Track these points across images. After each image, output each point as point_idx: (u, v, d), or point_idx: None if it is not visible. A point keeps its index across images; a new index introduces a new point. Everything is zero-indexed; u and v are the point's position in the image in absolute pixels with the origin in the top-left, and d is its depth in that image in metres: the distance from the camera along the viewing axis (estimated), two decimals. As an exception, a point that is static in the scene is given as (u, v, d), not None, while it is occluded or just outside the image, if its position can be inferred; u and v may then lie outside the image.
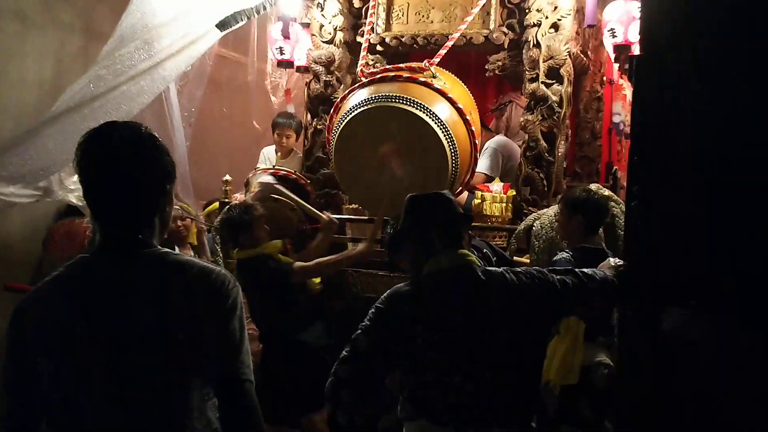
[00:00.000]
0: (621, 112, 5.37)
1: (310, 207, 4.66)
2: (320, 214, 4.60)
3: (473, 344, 2.46)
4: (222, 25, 4.34)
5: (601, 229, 3.86)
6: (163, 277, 1.80)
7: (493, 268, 2.67)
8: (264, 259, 4.13)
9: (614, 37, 4.63)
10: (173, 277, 1.81)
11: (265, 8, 4.65)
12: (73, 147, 1.81)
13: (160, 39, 4.63)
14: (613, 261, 2.87)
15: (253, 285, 4.04)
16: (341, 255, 4.37)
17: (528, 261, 4.18)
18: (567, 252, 3.64)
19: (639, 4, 4.29)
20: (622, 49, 4.64)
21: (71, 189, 5.10)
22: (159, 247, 1.86)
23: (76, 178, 4.79)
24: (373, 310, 2.54)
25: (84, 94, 4.57)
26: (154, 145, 1.84)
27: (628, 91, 5.42)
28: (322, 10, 5.40)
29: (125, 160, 1.79)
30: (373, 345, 2.45)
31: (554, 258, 3.66)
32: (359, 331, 2.49)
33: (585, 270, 2.71)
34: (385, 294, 2.59)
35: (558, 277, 2.61)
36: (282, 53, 5.72)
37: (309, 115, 5.53)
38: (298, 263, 4.20)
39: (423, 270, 2.62)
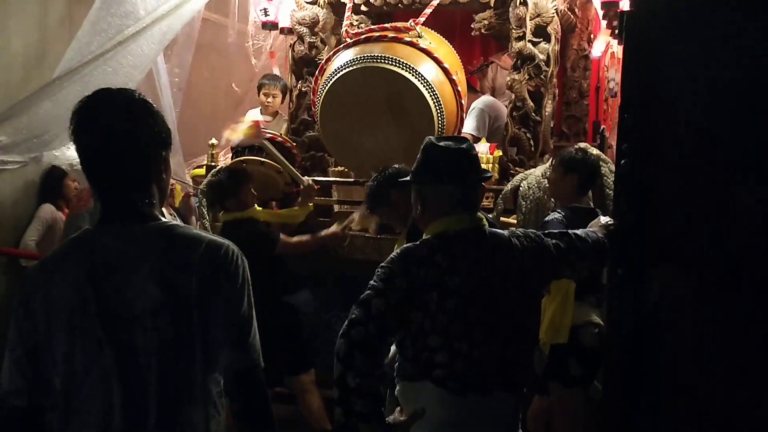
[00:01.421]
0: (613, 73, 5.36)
1: (291, 167, 4.62)
2: (300, 177, 4.57)
3: (483, 310, 2.42)
4: None
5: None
6: (168, 252, 1.76)
7: (500, 231, 2.62)
8: (253, 222, 4.13)
9: (602, -8, 4.58)
10: (179, 251, 1.77)
11: None
12: (66, 115, 1.77)
13: (146, 3, 4.57)
14: (603, 220, 2.87)
15: (241, 247, 4.02)
16: (321, 236, 4.38)
17: (515, 221, 4.18)
18: (558, 212, 3.63)
19: (626, -39, 4.26)
20: (609, 6, 4.59)
21: (56, 155, 5.10)
22: (163, 218, 1.83)
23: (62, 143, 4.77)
24: (383, 270, 2.42)
25: (73, 63, 4.56)
26: (148, 111, 1.79)
27: (615, 48, 5.40)
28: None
29: (119, 127, 1.74)
30: (387, 306, 2.35)
31: (546, 219, 3.65)
32: (370, 291, 2.38)
33: (577, 231, 2.69)
34: (395, 254, 2.49)
35: (553, 241, 2.59)
36: (267, 14, 5.64)
37: (294, 78, 5.47)
38: (283, 236, 4.20)
39: (430, 229, 2.52)
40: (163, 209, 4.55)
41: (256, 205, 4.30)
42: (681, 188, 2.14)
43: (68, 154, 5.05)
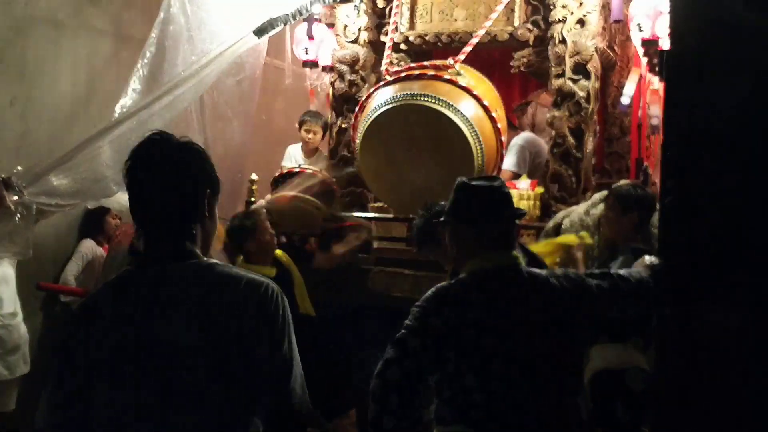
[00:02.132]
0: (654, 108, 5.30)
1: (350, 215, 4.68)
2: (359, 219, 4.63)
3: (520, 349, 2.38)
4: (259, 32, 4.36)
5: None
6: (207, 290, 1.76)
7: (537, 270, 2.59)
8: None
9: (641, 31, 4.57)
10: (218, 290, 1.77)
11: (301, 14, 4.65)
12: (123, 159, 1.82)
13: (202, 45, 4.66)
14: (648, 259, 2.81)
15: None
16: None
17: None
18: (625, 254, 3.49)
19: (665, -1, 4.25)
20: (649, 44, 4.58)
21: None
22: (203, 258, 1.84)
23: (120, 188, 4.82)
24: (418, 310, 2.42)
25: (131, 106, 4.64)
26: (198, 157, 1.84)
27: (656, 85, 5.36)
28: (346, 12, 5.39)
29: (168, 171, 1.79)
30: (423, 346, 2.33)
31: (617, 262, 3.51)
32: (405, 331, 2.37)
33: (620, 271, 2.65)
34: (429, 293, 2.48)
35: (595, 281, 2.54)
36: (307, 53, 5.72)
37: (334, 114, 5.53)
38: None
39: (466, 268, 2.51)
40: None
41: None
42: (728, 226, 2.11)
43: (120, 195, 5.04)
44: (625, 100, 5.18)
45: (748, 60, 2.21)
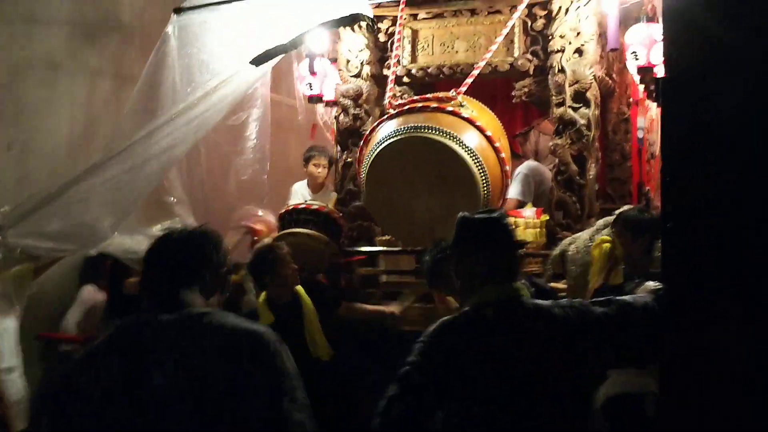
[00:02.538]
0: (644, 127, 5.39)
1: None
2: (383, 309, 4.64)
3: (523, 382, 2.39)
4: (256, 62, 4.37)
5: None
6: (198, 340, 1.80)
7: (541, 301, 2.60)
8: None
9: (637, 59, 4.65)
10: (209, 339, 1.80)
11: (297, 44, 4.65)
12: (117, 199, 1.93)
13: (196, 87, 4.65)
14: (651, 284, 2.83)
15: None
16: (380, 311, 4.50)
17: (564, 287, 4.16)
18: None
19: (661, 27, 4.32)
20: (645, 71, 4.66)
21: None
22: (197, 306, 1.89)
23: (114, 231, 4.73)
24: (420, 345, 2.43)
25: (116, 146, 4.51)
26: (206, 239, 2.01)
27: (652, 111, 5.43)
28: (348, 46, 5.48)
29: (179, 252, 1.97)
30: (426, 382, 2.33)
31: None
32: (408, 367, 2.37)
33: (626, 298, 2.66)
34: (431, 327, 2.49)
35: (600, 309, 2.54)
36: (311, 88, 5.80)
37: (339, 149, 5.59)
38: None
39: (470, 301, 2.52)
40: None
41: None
42: (728, 249, 2.15)
43: (120, 241, 4.95)
44: (639, 134, 5.27)
45: (740, 83, 2.27)
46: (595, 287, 3.73)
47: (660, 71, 4.54)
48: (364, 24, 4.95)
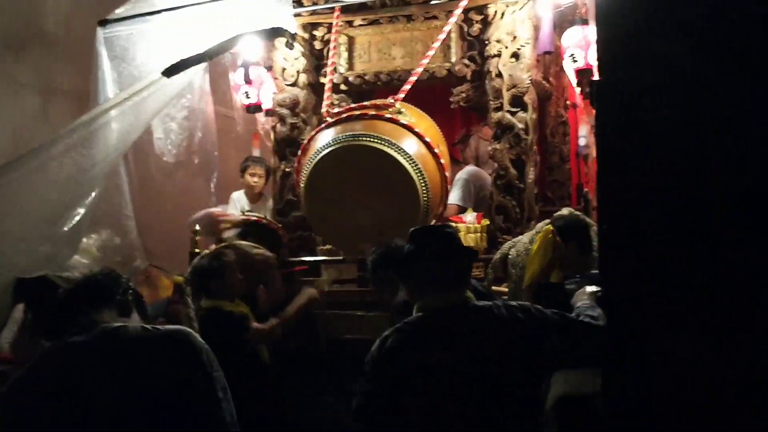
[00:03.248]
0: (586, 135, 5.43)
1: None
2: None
3: (475, 385, 2.41)
4: (169, 72, 4.22)
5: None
6: (123, 355, 1.77)
7: (482, 302, 2.62)
8: (230, 314, 4.02)
9: (575, 62, 4.68)
10: (133, 352, 1.79)
11: (218, 52, 4.50)
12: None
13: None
14: (589, 289, 2.84)
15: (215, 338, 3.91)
16: (299, 306, 4.32)
17: (506, 290, 4.15)
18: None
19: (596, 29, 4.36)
20: (583, 74, 4.69)
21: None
22: (112, 321, 1.84)
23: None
24: (370, 360, 2.45)
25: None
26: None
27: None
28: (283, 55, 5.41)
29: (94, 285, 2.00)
30: (381, 394, 2.37)
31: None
32: (361, 393, 2.42)
33: (568, 314, 2.68)
34: (376, 344, 2.50)
35: (547, 312, 2.57)
36: (248, 97, 5.71)
37: (277, 159, 5.51)
38: (255, 325, 4.07)
39: (417, 306, 2.55)
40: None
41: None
42: (664, 249, 2.15)
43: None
44: (581, 141, 5.32)
45: (671, 85, 2.28)
46: (535, 274, 3.72)
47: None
48: (285, 39, 4.86)
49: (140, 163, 5.19)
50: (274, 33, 4.52)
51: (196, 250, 4.92)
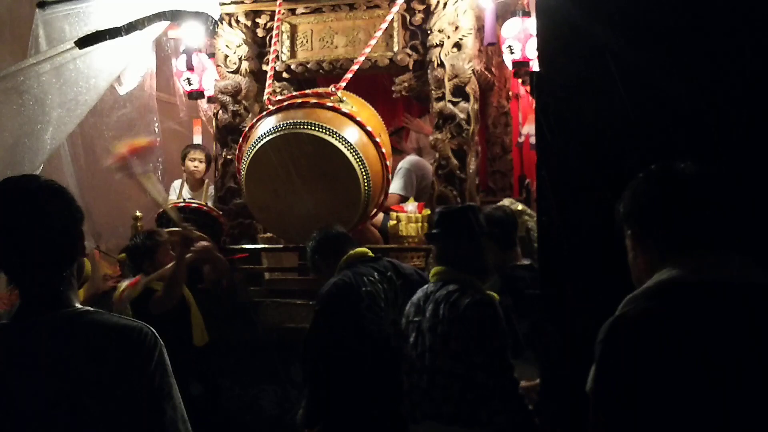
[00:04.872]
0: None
1: (173, 211, 4.55)
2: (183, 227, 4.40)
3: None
4: (82, 42, 4.10)
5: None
6: (75, 342, 1.69)
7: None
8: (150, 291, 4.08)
9: (512, 53, 4.72)
10: (87, 340, 1.70)
11: (135, 27, 4.36)
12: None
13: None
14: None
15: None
16: (187, 258, 4.20)
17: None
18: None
19: (535, 22, 4.41)
20: (520, 65, 4.74)
21: None
22: (76, 306, 1.77)
23: None
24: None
25: None
26: (54, 193, 1.76)
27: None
28: (225, 41, 5.34)
29: (25, 214, 1.71)
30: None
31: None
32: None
33: None
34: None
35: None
36: (190, 84, 5.63)
37: (218, 146, 5.45)
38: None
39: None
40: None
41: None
42: (602, 240, 2.18)
43: None
44: (522, 138, 5.40)
45: (610, 77, 2.31)
46: None
47: (536, 66, 4.63)
48: (210, 25, 4.78)
49: (86, 145, 5.09)
50: (196, 17, 4.44)
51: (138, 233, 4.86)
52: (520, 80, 5.01)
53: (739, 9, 2.17)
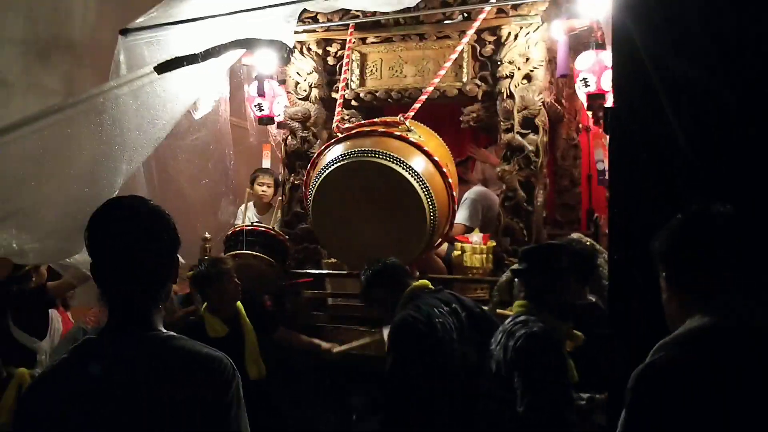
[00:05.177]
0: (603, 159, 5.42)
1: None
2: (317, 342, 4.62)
3: None
4: (160, 68, 4.20)
5: None
6: (160, 367, 1.72)
7: None
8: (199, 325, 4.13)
9: (587, 86, 4.67)
10: (171, 366, 1.73)
11: (211, 54, 4.45)
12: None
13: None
14: None
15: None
16: (314, 344, 4.51)
17: (511, 313, 4.11)
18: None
19: (610, 54, 4.36)
20: (595, 98, 4.68)
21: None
22: (161, 330, 1.80)
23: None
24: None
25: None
26: (159, 218, 1.82)
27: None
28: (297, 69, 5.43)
29: (130, 237, 1.77)
30: None
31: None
32: None
33: None
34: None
35: None
36: (261, 109, 5.73)
37: (286, 171, 5.52)
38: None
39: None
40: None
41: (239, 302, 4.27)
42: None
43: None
44: (599, 165, 5.32)
45: (689, 114, 2.26)
46: None
47: (611, 99, 4.58)
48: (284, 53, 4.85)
49: (160, 166, 5.22)
50: (270, 45, 4.51)
51: (206, 257, 4.93)
52: (590, 113, 4.95)
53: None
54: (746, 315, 1.73)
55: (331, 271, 5.02)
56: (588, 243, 3.97)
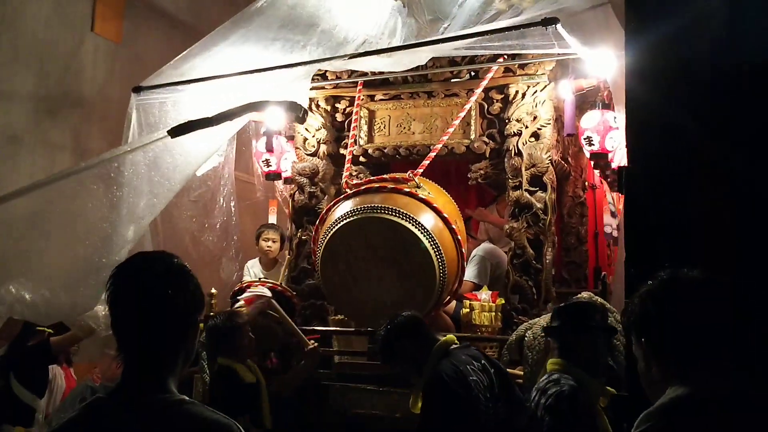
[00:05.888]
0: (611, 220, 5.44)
1: (297, 329, 4.59)
2: (304, 338, 4.54)
3: None
4: (174, 132, 4.21)
5: None
6: (168, 429, 1.70)
7: None
8: (239, 376, 4.06)
9: (591, 145, 4.70)
10: (178, 430, 1.70)
11: (223, 120, 4.49)
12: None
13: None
14: None
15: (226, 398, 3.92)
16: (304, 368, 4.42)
17: (521, 373, 4.07)
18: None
19: (615, 114, 4.40)
20: (599, 157, 4.71)
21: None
22: (174, 393, 1.77)
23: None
24: None
25: None
26: (185, 276, 1.79)
27: (609, 196, 5.51)
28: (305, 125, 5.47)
29: (155, 296, 1.74)
30: None
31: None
32: None
33: None
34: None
35: None
36: (269, 165, 5.76)
37: (294, 226, 5.53)
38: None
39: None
40: None
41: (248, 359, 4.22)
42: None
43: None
44: (607, 228, 5.33)
45: (703, 177, 2.27)
46: None
47: (615, 157, 4.60)
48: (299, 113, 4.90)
49: (165, 221, 5.23)
50: (287, 106, 4.55)
51: (211, 314, 4.90)
52: (597, 171, 4.97)
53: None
54: (728, 382, 1.75)
55: (338, 328, 4.98)
56: (599, 302, 3.94)
